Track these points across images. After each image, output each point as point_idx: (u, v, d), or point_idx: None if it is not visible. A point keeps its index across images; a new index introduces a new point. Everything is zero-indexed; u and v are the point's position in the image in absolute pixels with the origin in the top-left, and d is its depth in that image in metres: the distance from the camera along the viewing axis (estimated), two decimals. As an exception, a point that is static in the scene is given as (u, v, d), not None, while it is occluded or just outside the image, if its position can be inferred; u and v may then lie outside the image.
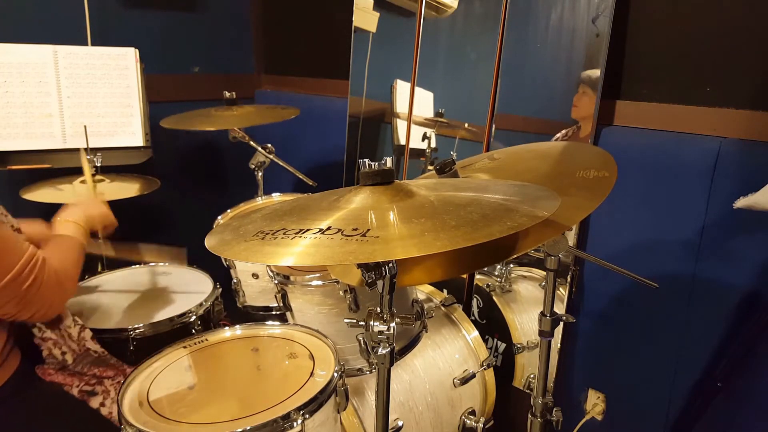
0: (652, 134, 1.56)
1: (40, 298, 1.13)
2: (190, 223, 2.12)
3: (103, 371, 1.31)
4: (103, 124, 1.98)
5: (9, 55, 1.84)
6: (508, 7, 1.72)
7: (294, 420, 1.00)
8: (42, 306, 1.15)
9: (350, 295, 1.27)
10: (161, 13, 2.49)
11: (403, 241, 0.76)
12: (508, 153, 1.31)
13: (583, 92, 1.59)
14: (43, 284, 1.13)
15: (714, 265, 1.44)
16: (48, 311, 1.19)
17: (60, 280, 1.19)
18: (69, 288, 1.24)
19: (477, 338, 1.57)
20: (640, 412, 1.65)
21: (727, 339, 1.44)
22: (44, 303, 1.15)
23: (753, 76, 1.39)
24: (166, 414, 1.03)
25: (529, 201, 0.88)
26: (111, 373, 1.32)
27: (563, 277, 1.65)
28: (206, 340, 1.28)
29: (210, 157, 2.77)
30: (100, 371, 1.31)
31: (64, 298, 1.24)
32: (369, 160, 0.93)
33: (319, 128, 2.50)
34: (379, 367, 0.94)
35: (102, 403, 1.29)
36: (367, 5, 2.16)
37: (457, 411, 1.49)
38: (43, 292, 1.13)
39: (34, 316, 1.16)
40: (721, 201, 1.39)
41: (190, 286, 1.67)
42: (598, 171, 1.08)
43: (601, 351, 1.72)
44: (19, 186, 1.84)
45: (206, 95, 2.31)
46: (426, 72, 2.00)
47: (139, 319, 1.46)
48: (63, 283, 1.20)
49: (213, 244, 0.87)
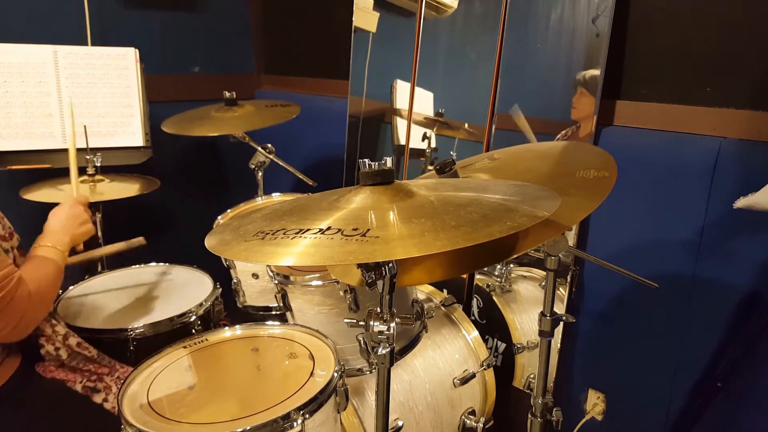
0: (652, 134, 1.56)
1: (5, 315, 1.12)
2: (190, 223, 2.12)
3: (98, 368, 1.32)
4: (103, 124, 1.98)
5: (9, 55, 1.84)
6: (508, 7, 1.72)
7: (294, 420, 1.00)
8: (7, 324, 1.14)
9: (350, 295, 1.27)
10: (161, 13, 2.49)
11: (403, 241, 0.76)
12: (508, 153, 1.31)
13: (581, 93, 1.59)
14: (13, 301, 1.12)
15: (714, 265, 1.44)
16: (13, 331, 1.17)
17: (32, 302, 1.18)
18: (40, 311, 1.24)
19: (477, 338, 1.57)
20: (640, 412, 1.65)
21: (727, 339, 1.44)
22: (9, 321, 1.14)
23: (753, 76, 1.39)
24: (166, 414, 1.03)
25: (529, 201, 0.88)
26: (106, 370, 1.32)
27: (563, 277, 1.65)
28: (206, 340, 1.28)
29: (210, 157, 2.77)
30: (95, 367, 1.31)
31: (35, 319, 1.23)
32: (369, 160, 0.93)
33: (319, 128, 2.50)
34: (379, 367, 0.94)
35: (105, 399, 1.29)
36: (367, 5, 2.16)
37: (457, 411, 1.49)
38: (10, 309, 1.12)
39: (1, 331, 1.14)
40: (721, 201, 1.39)
41: (190, 286, 1.67)
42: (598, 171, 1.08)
43: (601, 351, 1.72)
44: (19, 186, 1.84)
45: (206, 95, 2.31)
46: (426, 72, 2.00)
47: (139, 319, 1.46)
48: (35, 304, 1.19)
49: (213, 244, 0.88)
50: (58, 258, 1.31)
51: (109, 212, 1.90)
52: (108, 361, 1.36)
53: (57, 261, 1.30)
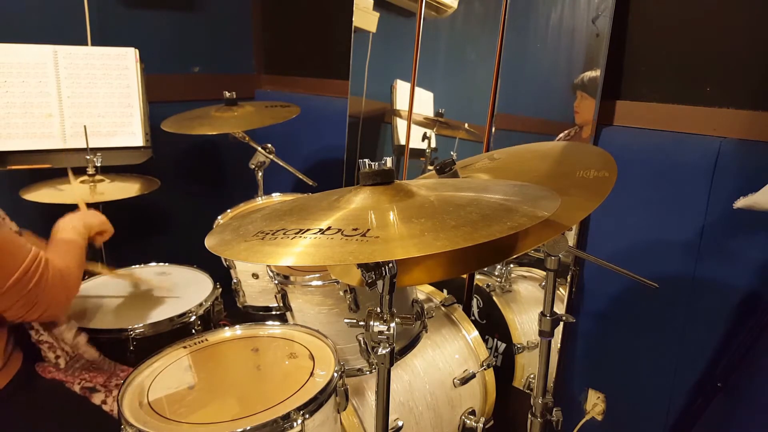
0: (652, 134, 1.56)
1: (46, 297, 1.14)
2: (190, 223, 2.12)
3: (94, 377, 1.32)
4: (103, 124, 1.98)
5: (9, 55, 1.84)
6: (508, 7, 1.72)
7: (294, 420, 1.00)
8: (49, 305, 1.17)
9: (350, 295, 1.27)
10: (161, 13, 2.49)
11: (403, 241, 0.76)
12: (508, 153, 1.31)
13: (582, 97, 1.59)
14: (48, 283, 1.14)
15: (714, 265, 1.44)
16: (54, 310, 1.20)
17: (64, 279, 1.20)
18: (73, 287, 1.26)
19: (477, 338, 1.57)
20: (640, 412, 1.65)
21: (727, 339, 1.44)
22: (51, 302, 1.17)
23: (753, 76, 1.39)
24: (166, 414, 1.03)
25: (529, 201, 0.87)
26: (101, 380, 1.32)
27: (563, 277, 1.65)
28: (206, 340, 1.28)
29: (210, 157, 2.77)
30: (90, 376, 1.32)
31: (69, 296, 1.25)
32: (369, 160, 0.93)
33: (319, 128, 2.50)
34: (379, 367, 0.94)
35: (104, 400, 1.29)
36: (367, 5, 2.16)
37: (457, 411, 1.49)
38: (48, 291, 1.14)
39: (42, 315, 1.17)
40: (721, 201, 1.39)
41: (190, 286, 1.67)
42: (598, 171, 1.08)
43: (601, 351, 1.72)
44: (19, 186, 1.84)
45: (206, 95, 2.31)
46: (426, 72, 2.00)
47: (139, 319, 1.46)
48: (67, 281, 1.22)
49: (213, 244, 0.87)
50: (77, 237, 1.34)
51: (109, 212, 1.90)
52: (108, 365, 1.36)
53: (77, 239, 1.33)
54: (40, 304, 1.14)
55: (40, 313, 1.16)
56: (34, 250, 1.14)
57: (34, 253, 1.13)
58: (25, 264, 1.11)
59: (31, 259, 1.12)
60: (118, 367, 1.38)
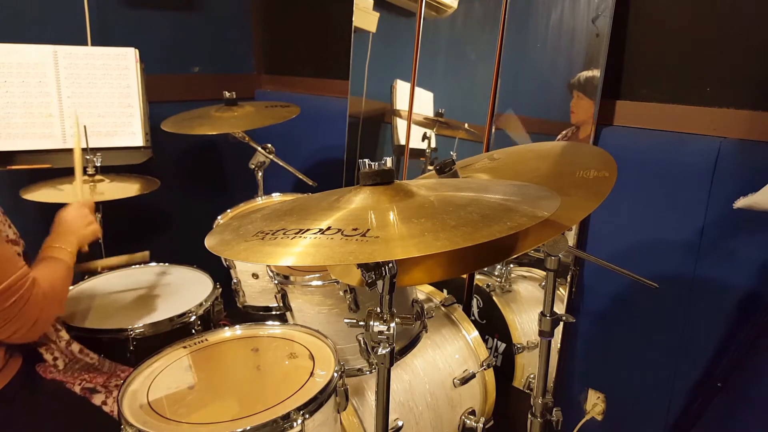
0: (652, 134, 1.56)
1: (23, 316, 1.12)
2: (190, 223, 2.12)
3: (94, 377, 1.32)
4: (103, 124, 1.98)
5: (9, 55, 1.84)
6: (508, 7, 1.72)
7: (294, 420, 1.00)
8: (23, 325, 1.14)
9: (350, 295, 1.27)
10: (161, 13, 2.49)
11: (403, 241, 0.76)
12: (508, 153, 1.31)
13: (578, 97, 1.59)
14: (29, 303, 1.12)
15: (714, 265, 1.44)
16: (30, 331, 1.17)
17: (47, 301, 1.18)
18: (54, 309, 1.24)
19: (477, 338, 1.57)
20: (640, 412, 1.65)
21: (727, 339, 1.44)
22: (26, 321, 1.14)
23: (753, 76, 1.39)
24: (166, 414, 1.03)
25: (529, 201, 0.87)
26: (101, 380, 1.32)
27: (563, 277, 1.65)
28: (206, 340, 1.28)
29: (210, 157, 2.76)
30: (90, 377, 1.31)
31: (49, 318, 1.24)
32: (369, 160, 0.93)
33: (319, 128, 2.50)
34: (379, 367, 0.94)
35: (104, 401, 1.29)
36: (367, 5, 2.16)
37: (457, 411, 1.49)
38: (27, 310, 1.12)
39: (14, 334, 1.14)
40: (721, 201, 1.39)
41: (190, 286, 1.67)
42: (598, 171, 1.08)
43: (601, 351, 1.71)
44: (19, 186, 1.84)
45: (206, 95, 2.31)
46: (426, 72, 2.00)
47: (138, 319, 1.46)
48: (50, 304, 1.20)
49: (213, 244, 0.87)
50: (67, 258, 1.33)
51: (109, 212, 1.90)
52: (107, 367, 1.36)
53: (67, 261, 1.33)
54: (14, 322, 1.12)
55: (12, 331, 1.13)
56: (23, 270, 1.13)
57: (23, 272, 1.12)
58: (10, 280, 1.09)
59: (18, 276, 1.11)
60: (118, 367, 1.38)
